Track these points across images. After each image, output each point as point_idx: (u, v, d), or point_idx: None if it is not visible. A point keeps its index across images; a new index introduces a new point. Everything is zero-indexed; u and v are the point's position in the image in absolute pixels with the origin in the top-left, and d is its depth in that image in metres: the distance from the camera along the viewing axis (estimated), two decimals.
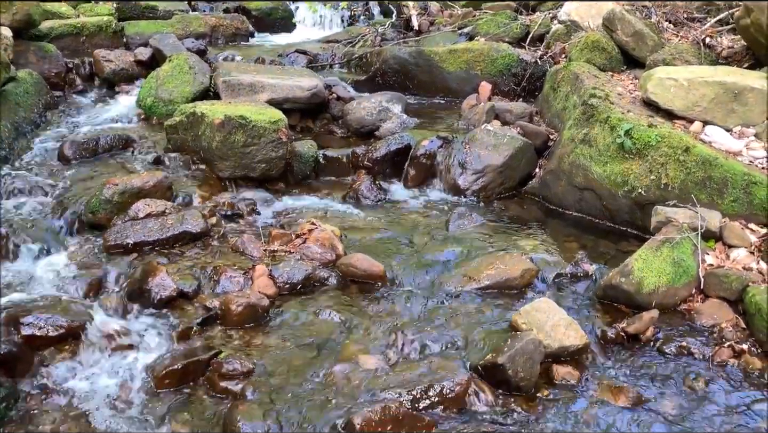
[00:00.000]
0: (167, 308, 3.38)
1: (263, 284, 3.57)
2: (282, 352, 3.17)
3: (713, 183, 3.95)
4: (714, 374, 3.16)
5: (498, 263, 3.80)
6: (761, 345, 3.27)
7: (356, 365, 3.09)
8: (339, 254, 3.87)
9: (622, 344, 3.34)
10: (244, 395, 2.90)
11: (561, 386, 3.08)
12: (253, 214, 4.32)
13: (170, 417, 2.80)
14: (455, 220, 4.36)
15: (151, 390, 2.94)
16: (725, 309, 3.48)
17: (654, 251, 3.59)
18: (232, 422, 2.74)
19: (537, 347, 3.07)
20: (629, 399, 3.00)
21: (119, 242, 3.78)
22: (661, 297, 3.51)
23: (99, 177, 4.34)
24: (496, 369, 3.00)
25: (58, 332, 3.07)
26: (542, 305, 3.32)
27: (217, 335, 3.26)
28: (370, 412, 2.69)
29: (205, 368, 3.03)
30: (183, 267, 3.65)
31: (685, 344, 3.32)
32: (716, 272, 3.59)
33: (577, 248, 4.09)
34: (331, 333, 3.31)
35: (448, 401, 2.91)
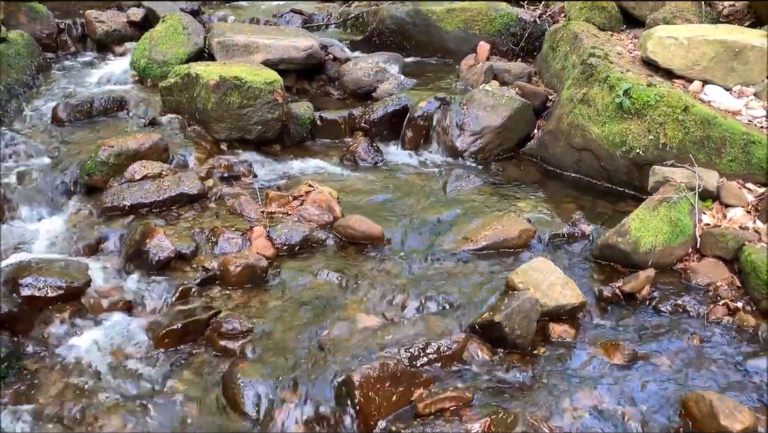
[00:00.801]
0: (166, 269, 3.39)
1: (261, 245, 3.58)
2: (281, 311, 3.19)
3: (712, 143, 3.94)
4: (709, 332, 3.19)
5: (495, 223, 3.80)
6: (756, 303, 3.30)
7: (355, 323, 3.12)
8: (336, 216, 3.87)
9: (618, 303, 3.37)
10: (244, 354, 2.93)
11: (557, 344, 3.11)
12: (249, 177, 4.30)
13: (170, 376, 2.83)
14: (453, 182, 4.36)
15: (151, 350, 2.97)
16: (721, 268, 3.50)
17: (651, 210, 3.60)
18: (232, 379, 2.77)
19: (533, 305, 3.10)
20: (625, 356, 3.03)
21: (116, 204, 3.77)
22: (657, 256, 3.52)
23: (94, 139, 4.30)
24: (493, 327, 3.03)
25: (57, 292, 3.09)
26: (539, 264, 3.34)
27: (216, 296, 3.27)
28: (369, 369, 2.72)
29: (205, 328, 3.06)
30: (181, 229, 3.65)
31: (680, 302, 3.35)
32: (713, 232, 3.60)
33: (574, 208, 4.09)
34: (330, 293, 3.33)
35: (445, 358, 2.94)
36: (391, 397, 2.71)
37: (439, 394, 2.73)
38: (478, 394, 2.78)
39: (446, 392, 2.75)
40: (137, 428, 2.57)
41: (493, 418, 2.61)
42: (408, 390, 2.75)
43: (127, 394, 2.74)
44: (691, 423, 2.67)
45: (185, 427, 2.60)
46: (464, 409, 2.70)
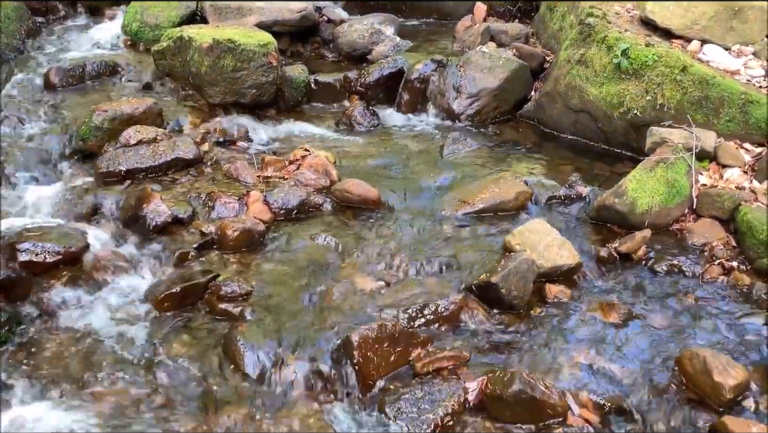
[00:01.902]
0: (163, 234, 3.39)
1: (258, 209, 3.58)
2: (279, 275, 3.21)
3: (710, 103, 3.92)
4: (704, 291, 3.23)
5: (492, 186, 3.80)
6: (751, 262, 3.33)
7: (352, 286, 3.14)
8: (333, 180, 3.86)
9: (614, 264, 3.39)
10: (243, 317, 2.95)
11: (553, 304, 3.14)
12: (245, 141, 4.27)
13: (171, 339, 2.85)
14: (450, 145, 4.34)
15: (151, 313, 2.99)
16: (717, 228, 3.52)
17: (648, 171, 3.60)
18: (232, 342, 2.79)
19: (530, 266, 3.12)
20: (620, 315, 3.07)
21: (111, 169, 3.75)
22: (653, 217, 3.54)
23: (87, 104, 4.25)
24: (490, 288, 3.05)
25: (54, 258, 3.09)
26: (536, 225, 3.35)
27: (214, 260, 3.28)
28: (367, 330, 2.75)
29: (204, 291, 3.07)
30: (177, 193, 3.64)
31: (676, 262, 3.37)
32: (709, 192, 3.61)
33: (571, 170, 4.09)
34: (327, 257, 3.34)
35: (442, 319, 2.97)
36: (389, 357, 2.75)
37: (437, 353, 2.77)
38: (476, 353, 2.82)
39: (444, 352, 2.78)
40: (139, 390, 2.60)
41: (490, 376, 2.65)
42: (406, 350, 2.79)
43: (127, 357, 2.76)
44: (684, 380, 2.72)
45: (186, 388, 2.63)
46: (461, 368, 2.74)
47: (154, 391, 2.60)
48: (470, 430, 2.55)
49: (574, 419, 2.56)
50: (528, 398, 2.55)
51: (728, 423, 2.45)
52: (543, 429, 2.53)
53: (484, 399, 2.62)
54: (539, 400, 2.55)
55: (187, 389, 2.62)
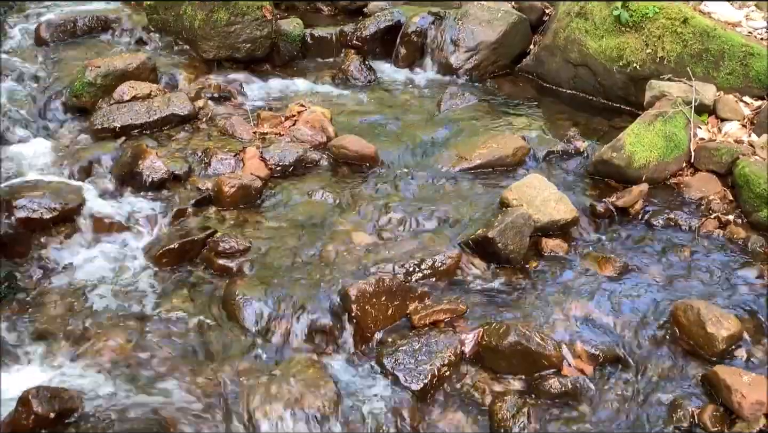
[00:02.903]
0: (160, 191, 3.38)
1: (254, 165, 3.56)
2: (276, 231, 3.21)
3: (710, 56, 3.87)
4: (699, 245, 3.24)
5: (490, 142, 3.78)
6: (747, 216, 3.34)
7: (350, 242, 3.15)
8: (330, 136, 3.83)
9: (611, 218, 3.40)
10: (242, 272, 2.96)
11: (549, 258, 3.16)
12: (240, 97, 4.23)
13: (170, 294, 2.87)
14: (447, 100, 4.30)
15: (149, 269, 3.00)
16: (714, 182, 3.52)
17: (646, 125, 3.58)
18: (231, 296, 2.82)
19: (527, 221, 3.12)
20: (615, 269, 3.09)
21: (106, 125, 3.73)
22: (651, 171, 3.53)
23: (80, 60, 4.20)
24: (487, 243, 3.06)
25: (52, 214, 3.09)
26: (533, 180, 3.35)
27: (211, 216, 3.28)
28: (365, 284, 2.77)
29: (202, 247, 3.08)
30: (173, 150, 3.62)
31: (672, 216, 3.38)
32: (707, 146, 3.60)
33: (570, 125, 4.06)
34: (325, 213, 3.34)
35: (439, 273, 2.99)
36: (386, 310, 2.77)
37: (434, 307, 2.80)
38: (472, 306, 2.85)
39: (440, 305, 2.81)
40: (138, 344, 2.62)
41: (486, 328, 2.68)
42: (403, 304, 2.81)
43: (127, 312, 2.78)
44: (678, 331, 2.75)
45: (186, 342, 2.66)
46: (458, 320, 2.77)
47: (153, 345, 2.62)
48: (466, 380, 2.59)
49: (568, 370, 2.60)
50: (523, 350, 2.58)
51: (720, 372, 2.49)
52: (538, 379, 2.57)
53: (480, 350, 2.65)
54: (534, 351, 2.58)
55: (186, 343, 2.65)
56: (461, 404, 2.53)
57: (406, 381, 2.55)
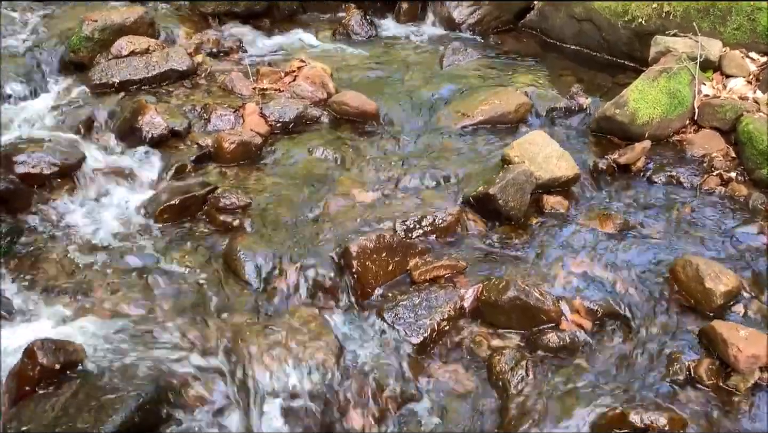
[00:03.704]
0: (159, 147, 3.37)
1: (254, 122, 3.54)
2: (277, 187, 3.21)
3: (717, 10, 3.81)
4: (701, 202, 3.24)
5: (493, 98, 3.75)
6: (749, 173, 3.33)
7: (351, 199, 3.14)
8: (330, 92, 3.80)
9: (613, 175, 3.39)
10: (243, 228, 2.97)
11: (550, 215, 3.15)
12: (239, 52, 4.18)
13: (171, 249, 2.87)
14: (450, 55, 4.25)
15: (151, 225, 3.00)
16: (717, 139, 3.50)
17: (650, 81, 3.54)
18: (233, 252, 2.83)
19: (528, 177, 3.11)
20: (616, 226, 3.09)
21: (104, 80, 3.70)
22: (654, 128, 3.51)
23: (76, 14, 4.13)
24: (488, 200, 3.06)
25: (52, 169, 3.08)
26: (535, 137, 3.32)
27: (211, 172, 3.27)
28: (365, 240, 2.78)
29: (203, 203, 3.08)
30: (172, 106, 3.59)
31: (674, 173, 3.37)
32: (711, 102, 3.56)
33: (573, 81, 4.02)
34: (325, 170, 3.33)
35: (440, 230, 2.99)
36: (387, 266, 2.79)
37: (434, 263, 2.81)
38: (472, 263, 2.85)
39: (441, 261, 2.82)
40: (140, 299, 2.64)
41: (486, 283, 2.70)
42: (404, 260, 2.82)
43: (129, 267, 2.79)
44: (677, 287, 2.77)
45: (188, 297, 2.68)
46: (458, 276, 2.78)
47: (155, 300, 2.64)
48: (465, 334, 2.62)
49: (566, 325, 2.63)
50: (522, 305, 2.61)
51: (717, 327, 2.51)
52: (536, 334, 2.59)
53: (480, 305, 2.68)
54: (533, 306, 2.61)
55: (188, 298, 2.67)
56: (460, 357, 2.56)
57: (406, 335, 2.58)
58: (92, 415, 2.12)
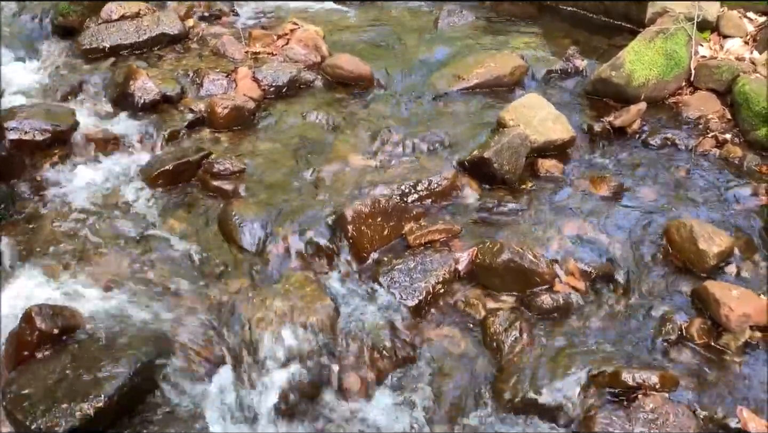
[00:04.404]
0: (152, 112, 3.35)
1: (247, 86, 3.51)
2: (271, 153, 3.19)
3: None
4: (695, 164, 3.24)
5: (488, 61, 3.71)
6: (744, 135, 3.32)
7: (345, 164, 3.14)
8: (324, 56, 3.77)
9: (608, 138, 3.38)
10: (237, 193, 2.96)
11: (545, 179, 3.15)
12: (231, 15, 4.13)
13: (166, 215, 2.88)
14: (445, 18, 4.20)
15: (145, 191, 2.99)
16: (713, 101, 3.48)
17: (647, 42, 3.50)
18: (228, 217, 2.83)
19: (523, 141, 3.10)
20: (610, 189, 3.09)
21: (95, 45, 3.65)
22: (650, 90, 3.48)
23: None
24: (483, 163, 3.05)
25: (44, 136, 3.07)
26: (530, 100, 3.30)
27: (205, 138, 3.26)
28: (361, 205, 2.78)
29: (197, 169, 3.07)
30: (164, 71, 3.56)
31: (670, 135, 3.36)
32: (708, 63, 3.53)
33: (569, 43, 3.98)
34: (319, 135, 3.32)
35: (435, 194, 2.99)
36: (382, 231, 2.80)
37: (429, 227, 2.82)
38: (467, 226, 2.86)
39: (436, 225, 2.83)
40: (135, 265, 2.65)
41: (480, 247, 2.71)
42: (399, 224, 2.83)
43: (124, 232, 2.79)
44: (671, 248, 2.78)
45: (183, 262, 2.68)
46: (453, 240, 2.79)
47: (150, 265, 2.65)
48: (460, 297, 2.64)
49: (560, 286, 2.64)
50: (516, 267, 2.62)
51: (710, 287, 2.53)
52: (530, 296, 2.61)
53: (474, 268, 2.69)
54: (527, 269, 2.62)
55: (183, 263, 2.68)
56: (455, 319, 2.58)
57: (401, 298, 2.60)
58: (91, 379, 2.14)
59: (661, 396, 2.25)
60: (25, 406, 2.09)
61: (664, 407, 2.22)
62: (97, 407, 2.09)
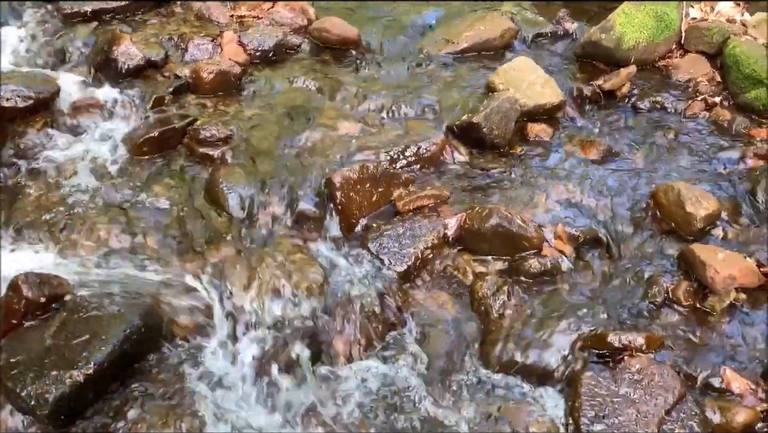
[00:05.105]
0: (136, 78, 3.28)
1: (233, 51, 3.45)
2: (258, 119, 3.15)
3: None
4: (684, 127, 3.24)
5: (478, 24, 3.67)
6: (734, 97, 3.31)
7: (333, 129, 3.10)
8: (310, 19, 3.71)
9: (597, 102, 3.36)
10: (224, 160, 2.93)
11: (534, 143, 3.14)
12: None
13: (152, 182, 2.84)
14: None
15: (130, 158, 2.95)
16: (703, 63, 3.47)
17: (637, 4, 3.47)
18: (215, 184, 2.80)
19: (513, 105, 3.08)
20: (600, 152, 3.09)
21: (76, 9, 3.57)
22: (640, 53, 3.46)
23: None
24: (472, 128, 3.04)
25: (26, 102, 3.00)
26: (520, 63, 3.28)
27: (190, 104, 3.21)
28: (349, 171, 2.76)
29: (183, 136, 3.02)
30: (148, 35, 3.49)
31: (659, 99, 3.35)
32: (699, 26, 3.51)
33: (560, 6, 3.93)
34: (307, 100, 3.28)
35: (424, 160, 2.98)
36: (371, 197, 2.79)
37: (418, 192, 2.81)
38: (456, 192, 2.86)
39: (425, 191, 2.82)
40: (122, 233, 2.62)
41: (469, 212, 2.71)
42: (388, 190, 2.82)
43: (110, 200, 2.76)
44: (659, 212, 2.80)
45: (170, 230, 2.66)
46: (442, 206, 2.79)
47: (137, 233, 2.62)
48: (449, 262, 2.65)
49: (548, 250, 2.66)
50: (504, 232, 2.63)
51: (696, 250, 2.55)
52: (518, 260, 2.63)
53: (463, 234, 2.69)
54: (515, 233, 2.63)
55: (171, 231, 2.65)
56: (444, 284, 2.60)
57: (390, 263, 2.60)
58: (80, 346, 2.14)
59: (646, 357, 2.28)
60: (14, 373, 2.09)
61: (649, 367, 2.25)
62: (86, 373, 2.09)
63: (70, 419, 2.10)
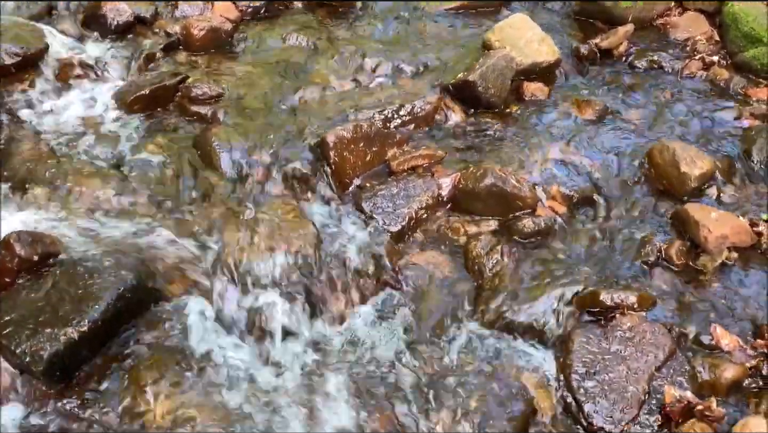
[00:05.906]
0: (126, 34, 3.25)
1: (224, 7, 3.41)
2: (250, 76, 3.11)
3: None
4: (681, 86, 3.21)
5: None
6: (732, 56, 3.28)
7: (326, 87, 3.08)
8: None
9: (594, 60, 3.33)
10: (216, 118, 2.91)
11: (530, 102, 3.12)
12: None
13: (144, 140, 2.81)
14: None
15: (121, 116, 2.92)
16: (701, 21, 3.43)
17: None
18: (207, 143, 2.77)
19: (509, 63, 3.05)
20: (596, 111, 3.06)
21: None
22: (638, 11, 3.41)
23: None
24: (467, 87, 3.00)
25: (14, 59, 2.95)
26: (517, 21, 3.23)
27: (181, 61, 3.17)
28: (343, 130, 2.73)
29: (174, 94, 2.99)
30: None
31: (656, 58, 3.31)
32: None
33: None
34: (300, 58, 3.24)
35: (418, 119, 2.96)
36: (365, 157, 2.77)
37: (412, 152, 2.79)
38: (451, 152, 2.84)
39: (419, 151, 2.80)
40: (114, 192, 2.60)
41: (463, 172, 2.70)
42: (382, 150, 2.80)
43: (102, 158, 2.73)
44: (653, 172, 2.79)
45: (163, 188, 2.65)
46: (436, 165, 2.78)
47: (130, 191, 2.60)
48: (443, 222, 2.65)
49: (543, 210, 2.65)
50: (499, 192, 2.62)
51: (690, 209, 2.56)
52: (512, 220, 2.62)
53: (457, 194, 2.69)
54: (510, 193, 2.62)
55: (163, 189, 2.64)
56: (438, 243, 2.60)
57: (384, 223, 2.60)
58: (74, 304, 2.14)
59: (638, 315, 2.30)
60: (8, 331, 2.10)
61: (640, 325, 2.28)
62: (81, 331, 2.10)
63: (64, 376, 2.11)
